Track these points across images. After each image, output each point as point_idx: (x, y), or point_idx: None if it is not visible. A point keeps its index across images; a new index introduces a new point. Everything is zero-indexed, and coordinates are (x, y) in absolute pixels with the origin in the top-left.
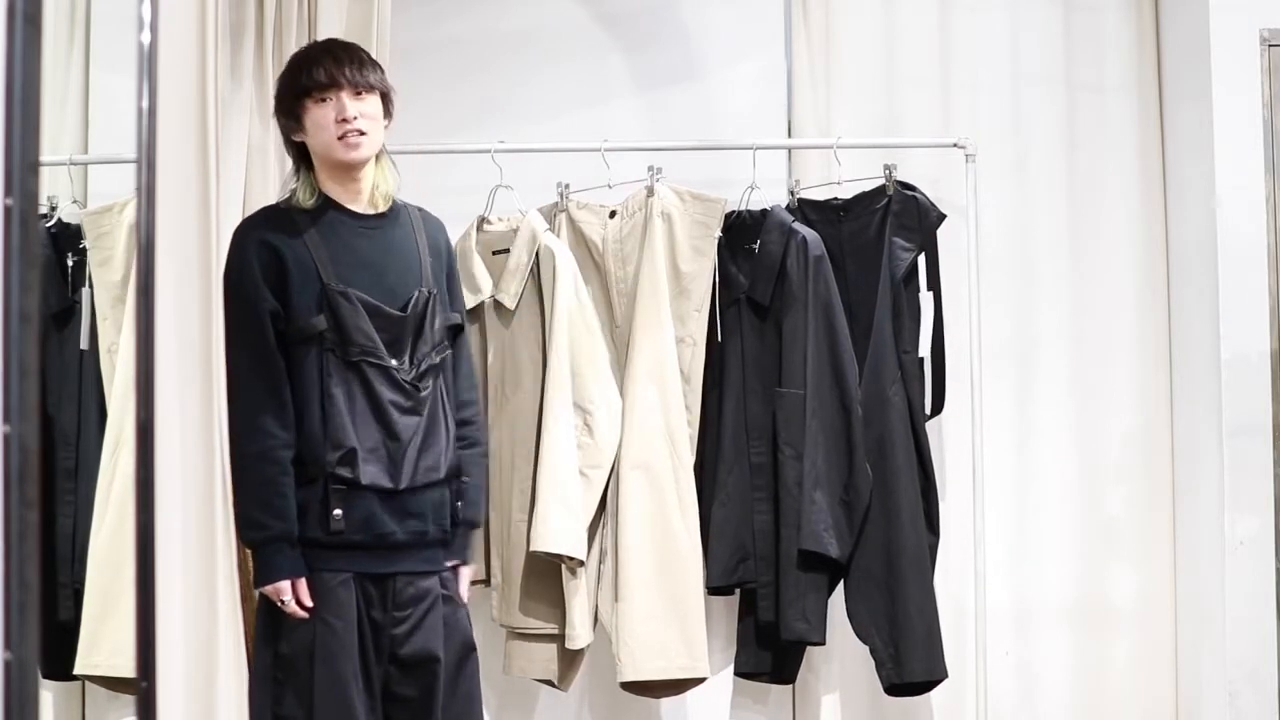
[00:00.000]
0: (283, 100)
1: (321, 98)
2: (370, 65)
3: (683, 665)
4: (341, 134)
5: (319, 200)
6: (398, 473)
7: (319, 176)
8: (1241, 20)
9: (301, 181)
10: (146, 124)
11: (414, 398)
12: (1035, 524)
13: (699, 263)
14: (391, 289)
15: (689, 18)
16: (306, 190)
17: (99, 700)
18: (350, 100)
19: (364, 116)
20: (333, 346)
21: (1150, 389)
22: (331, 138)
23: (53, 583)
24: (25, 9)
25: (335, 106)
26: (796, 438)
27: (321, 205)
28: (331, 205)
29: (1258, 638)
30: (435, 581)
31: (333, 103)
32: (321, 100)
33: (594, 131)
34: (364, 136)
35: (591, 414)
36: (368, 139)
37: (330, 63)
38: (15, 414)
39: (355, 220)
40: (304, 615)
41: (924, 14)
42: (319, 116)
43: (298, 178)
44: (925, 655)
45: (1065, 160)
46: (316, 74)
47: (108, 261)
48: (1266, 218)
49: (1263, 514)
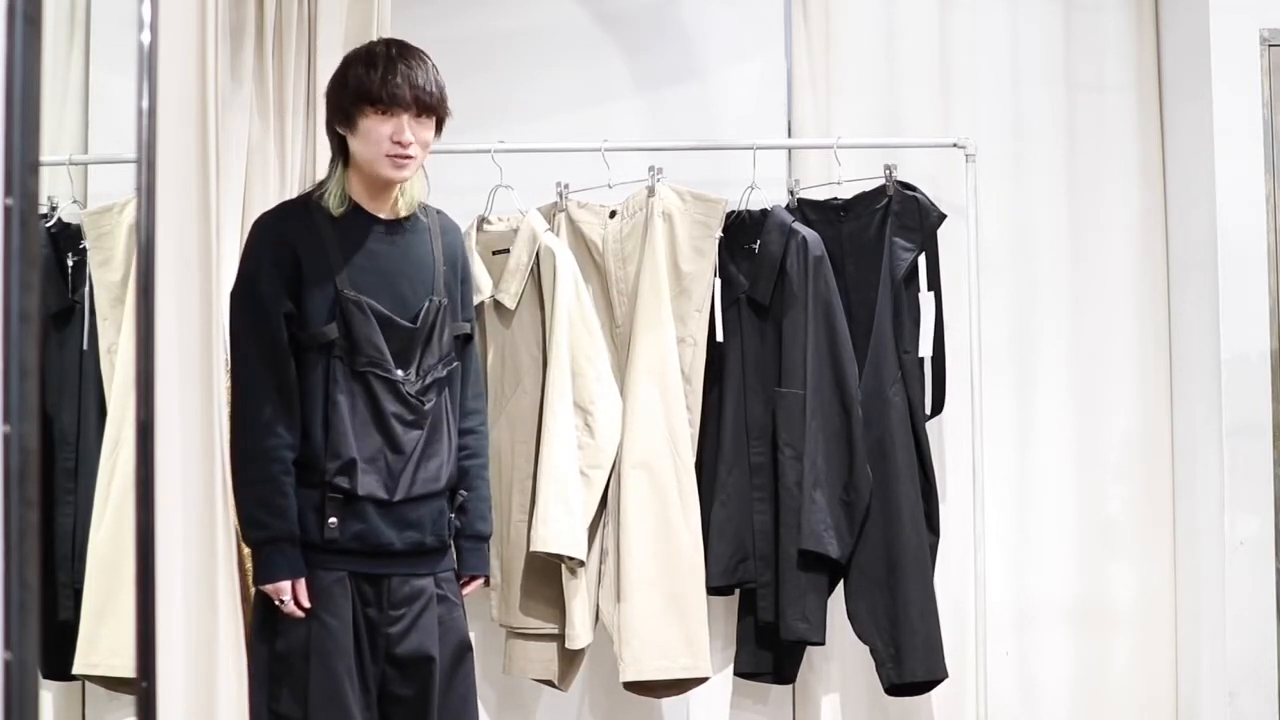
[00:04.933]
0: (341, 95)
1: (384, 111)
2: (439, 84)
3: (685, 665)
4: (391, 153)
5: (347, 207)
6: (395, 485)
7: (351, 177)
8: (1241, 20)
9: (335, 181)
10: (146, 124)
11: (417, 411)
12: (1035, 524)
13: (699, 263)
14: (403, 298)
15: (689, 18)
16: (337, 195)
17: (99, 700)
18: (410, 123)
19: (418, 142)
20: (341, 355)
21: (1150, 389)
22: (380, 154)
23: (53, 582)
24: (25, 9)
25: (394, 125)
26: (796, 438)
27: (347, 210)
28: (356, 210)
29: (1258, 638)
30: (430, 581)
31: (393, 121)
32: (384, 114)
33: (594, 131)
34: (411, 160)
35: (592, 414)
36: (414, 162)
37: (404, 78)
38: (15, 414)
39: (376, 225)
40: (301, 615)
41: (924, 14)
42: (375, 128)
43: (332, 173)
44: (925, 655)
45: (1065, 160)
46: (390, 87)
47: (108, 261)
48: (1266, 218)
49: (1263, 514)
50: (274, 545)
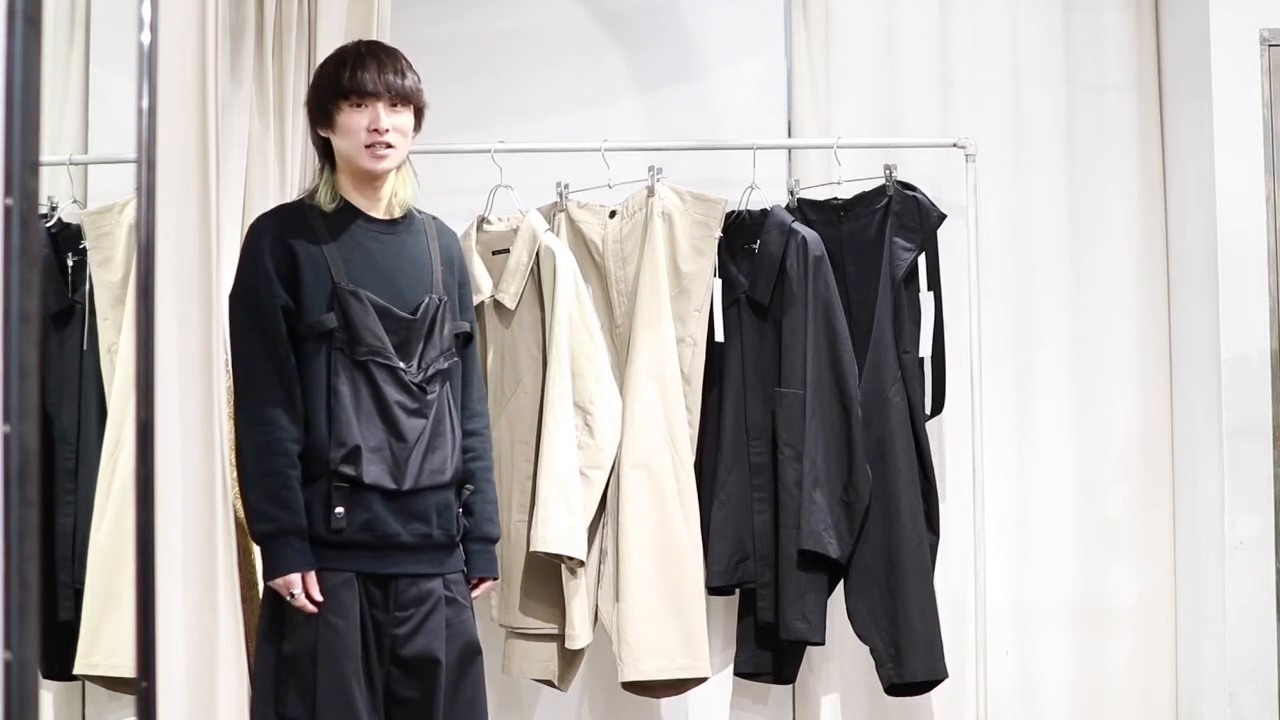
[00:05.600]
0: (318, 96)
1: (358, 103)
2: (411, 76)
3: (683, 665)
4: (370, 143)
5: (339, 205)
6: (401, 474)
7: (339, 178)
8: (1241, 20)
9: (324, 182)
10: (146, 124)
11: (420, 400)
12: (1035, 524)
13: (699, 263)
14: (402, 293)
15: (689, 18)
16: (328, 193)
17: (99, 700)
18: (385, 112)
19: (395, 130)
20: (342, 345)
21: (1150, 389)
22: (359, 145)
23: (53, 583)
24: (25, 9)
25: (369, 115)
26: (796, 438)
27: (339, 208)
28: (349, 208)
29: (1258, 638)
30: (438, 583)
31: (368, 111)
32: (357, 106)
33: (594, 131)
34: (391, 149)
35: (592, 414)
36: (395, 152)
37: (374, 69)
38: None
39: (371, 225)
40: (313, 609)
41: (924, 14)
42: (351, 121)
43: (321, 176)
44: (925, 655)
45: (1065, 160)
46: (358, 78)
47: (108, 261)
48: (1266, 218)
49: (1263, 514)
50: (282, 538)
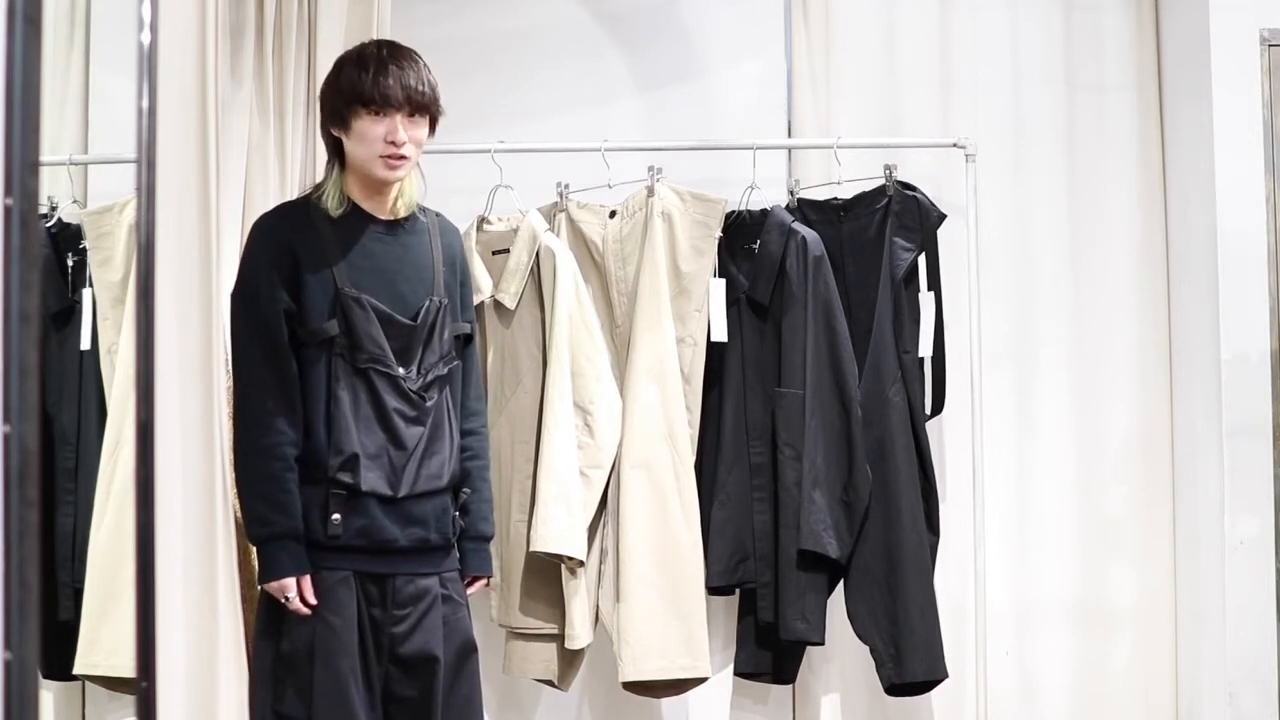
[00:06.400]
0: (334, 98)
1: (378, 112)
2: (431, 84)
3: (684, 665)
4: (385, 153)
5: (346, 208)
6: (398, 481)
7: (348, 178)
8: (1241, 20)
9: (332, 183)
10: (146, 124)
11: (419, 407)
12: (1035, 524)
13: (699, 263)
14: (403, 296)
15: (689, 18)
16: (335, 196)
17: (99, 700)
18: (404, 123)
19: (412, 141)
20: (342, 352)
21: (1150, 389)
22: (374, 154)
23: (53, 583)
24: (25, 9)
25: (387, 126)
26: (796, 438)
27: (345, 211)
28: (355, 210)
29: (1258, 638)
30: (435, 581)
31: (386, 121)
32: (377, 114)
33: (594, 131)
34: (405, 160)
35: (592, 414)
36: (408, 162)
37: (395, 79)
38: (15, 414)
39: (375, 226)
40: (307, 613)
41: (924, 14)
42: (368, 129)
43: (329, 175)
44: (926, 655)
45: (1065, 160)
46: (382, 87)
47: (108, 261)
48: (1266, 218)
49: (1263, 514)
50: (278, 542)
